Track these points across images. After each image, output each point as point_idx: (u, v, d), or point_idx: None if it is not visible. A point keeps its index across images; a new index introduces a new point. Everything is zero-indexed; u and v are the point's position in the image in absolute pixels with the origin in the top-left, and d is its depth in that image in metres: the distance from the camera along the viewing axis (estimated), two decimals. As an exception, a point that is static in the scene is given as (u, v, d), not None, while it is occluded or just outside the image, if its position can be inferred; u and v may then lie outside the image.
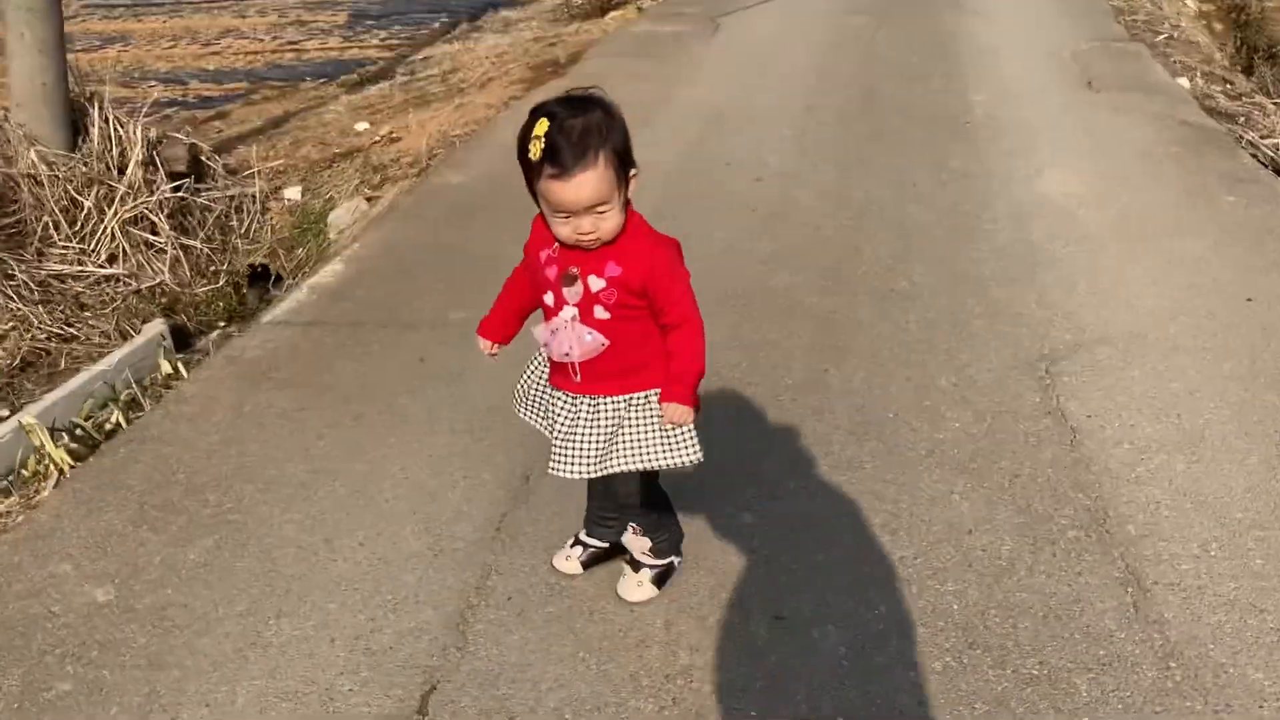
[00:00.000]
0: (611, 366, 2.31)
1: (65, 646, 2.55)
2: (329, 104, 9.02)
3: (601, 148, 2.09)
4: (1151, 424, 3.27)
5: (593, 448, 2.35)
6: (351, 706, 2.35)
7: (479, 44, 11.43)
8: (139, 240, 5.77)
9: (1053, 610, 2.55)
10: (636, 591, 2.61)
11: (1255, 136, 6.39)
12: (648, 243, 2.25)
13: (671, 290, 2.25)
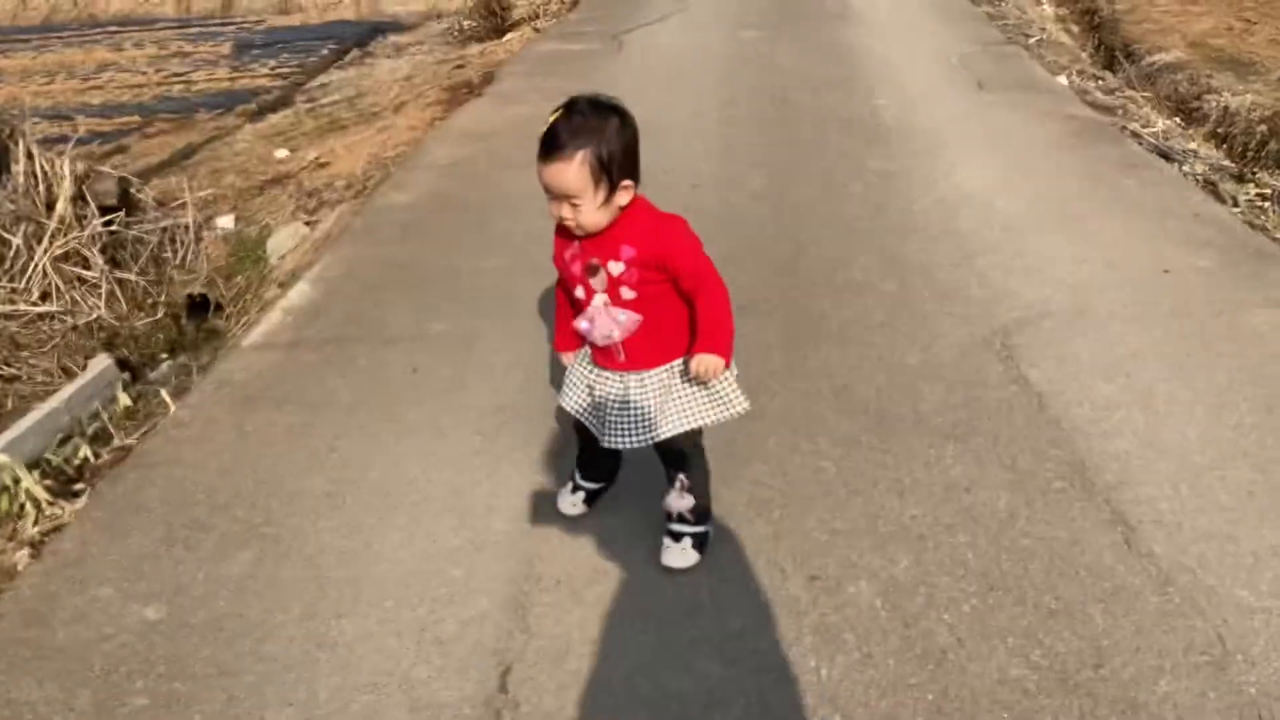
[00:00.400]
0: (651, 340, 2.58)
1: (129, 665, 2.61)
2: (234, 133, 8.97)
3: (585, 147, 2.36)
4: (1105, 385, 3.59)
5: (644, 418, 2.61)
6: (433, 692, 2.47)
7: (376, 69, 11.48)
8: (72, 276, 5.71)
9: (1056, 552, 2.82)
10: (681, 558, 2.81)
11: (1137, 126, 6.91)
12: (653, 221, 2.52)
13: (684, 258, 2.51)
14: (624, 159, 2.43)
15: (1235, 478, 3.08)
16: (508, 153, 6.40)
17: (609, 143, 2.40)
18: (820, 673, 2.47)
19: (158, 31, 15.68)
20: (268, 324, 4.39)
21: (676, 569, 2.80)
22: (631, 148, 2.46)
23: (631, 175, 2.47)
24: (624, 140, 2.44)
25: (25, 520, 3.42)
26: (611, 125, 2.42)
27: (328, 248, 5.23)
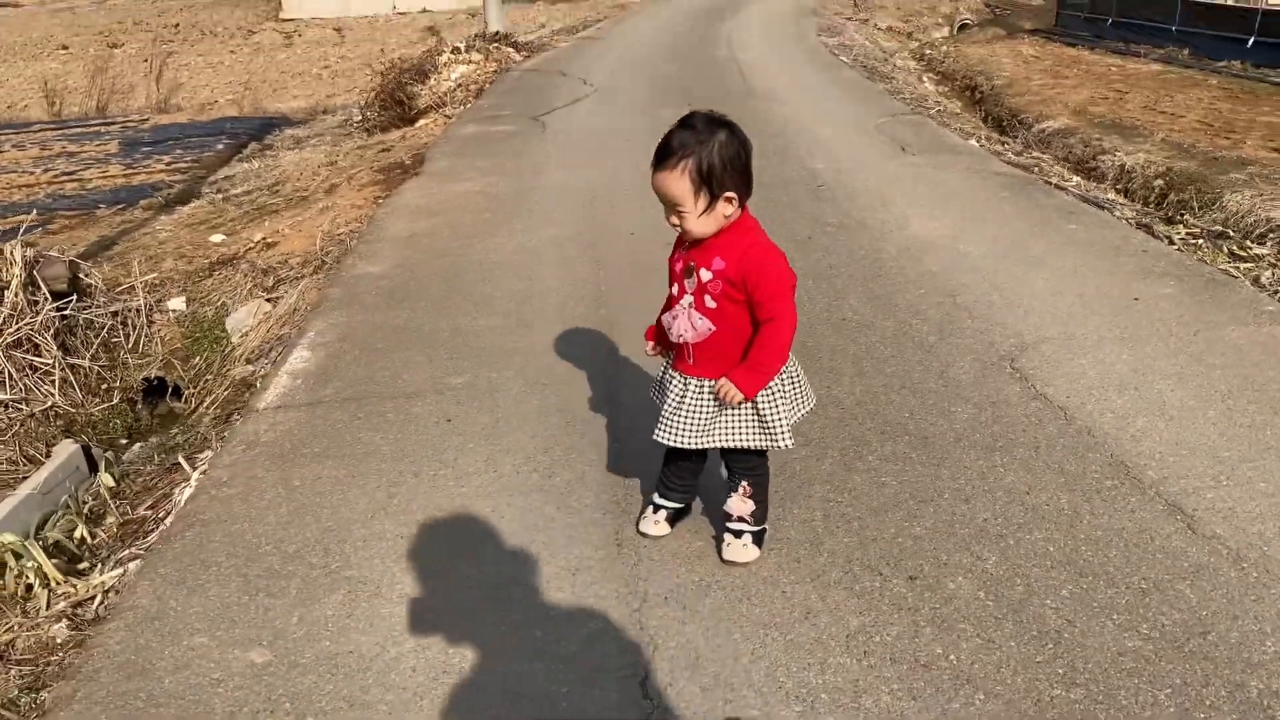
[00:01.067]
0: (718, 351, 2.75)
1: (251, 704, 2.55)
2: (148, 224, 8.81)
3: (687, 160, 2.56)
4: (1119, 397, 3.84)
5: (696, 423, 2.78)
6: (576, 704, 2.49)
7: (281, 159, 11.43)
8: (24, 364, 5.56)
9: (1128, 540, 3.00)
10: (743, 553, 2.95)
11: (1057, 180, 7.40)
12: (747, 242, 2.69)
13: (765, 286, 2.67)
14: (726, 172, 2.59)
15: (1267, 467, 3.33)
16: (466, 225, 6.48)
17: (712, 155, 2.57)
18: (949, 659, 2.57)
19: (35, 134, 15.31)
20: (277, 387, 4.34)
21: (739, 563, 2.95)
22: (736, 162, 2.62)
23: (736, 189, 2.63)
24: (728, 154, 2.60)
25: (36, 600, 3.31)
26: (717, 139, 2.59)
27: (314, 316, 5.19)
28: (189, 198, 10.08)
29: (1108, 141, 9.15)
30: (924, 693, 2.46)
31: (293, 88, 24.44)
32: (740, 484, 2.93)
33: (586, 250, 5.87)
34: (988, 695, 2.44)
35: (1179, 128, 9.66)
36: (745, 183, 2.65)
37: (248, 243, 7.33)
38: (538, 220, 6.53)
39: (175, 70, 27.00)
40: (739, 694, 2.49)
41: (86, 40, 31.43)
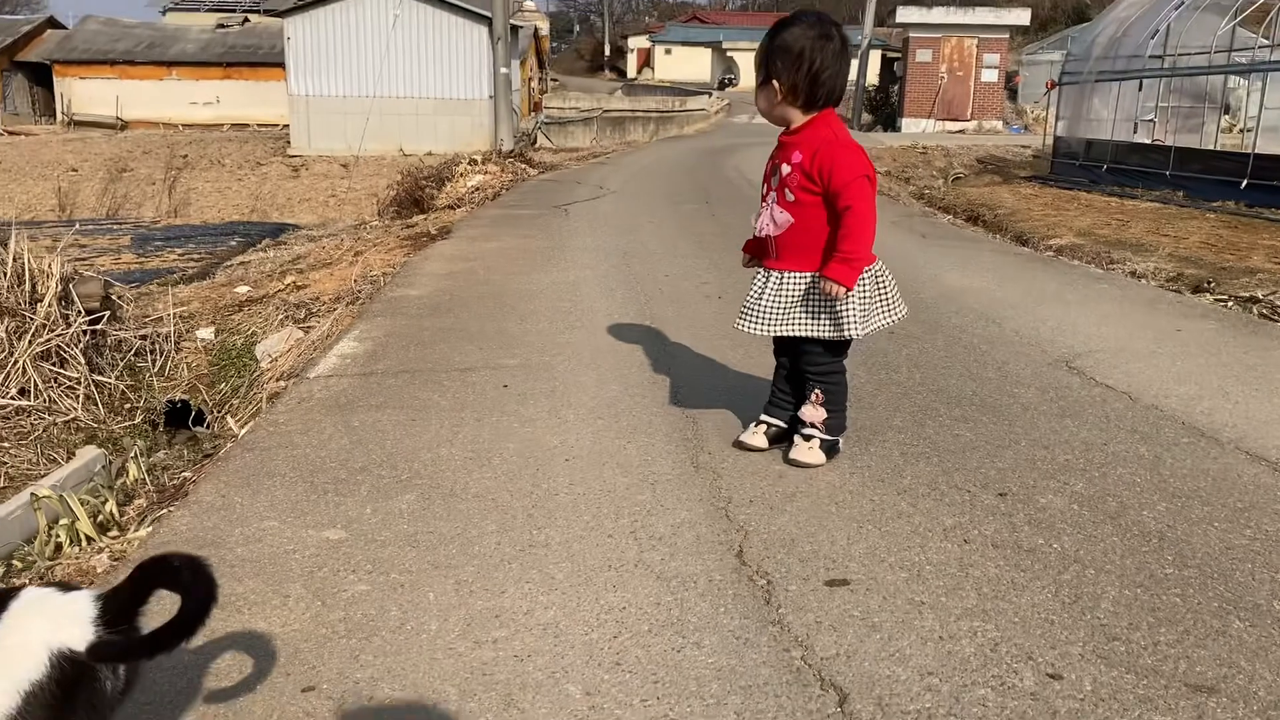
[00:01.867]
0: (798, 243, 2.85)
1: (331, 565, 2.46)
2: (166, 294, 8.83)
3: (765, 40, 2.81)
4: (1180, 387, 3.85)
5: (771, 312, 2.87)
6: (674, 568, 2.41)
7: (298, 248, 11.55)
8: (50, 375, 5.53)
9: (1214, 476, 2.99)
10: (808, 454, 2.96)
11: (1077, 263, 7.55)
12: (822, 138, 2.81)
13: (839, 174, 2.75)
14: (779, 60, 2.77)
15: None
16: (504, 267, 6.55)
17: (783, 41, 2.76)
18: (1052, 546, 2.51)
19: (47, 230, 15.55)
20: (325, 366, 4.30)
21: (802, 463, 2.95)
22: (790, 56, 2.77)
23: (785, 81, 2.78)
24: (795, 48, 2.76)
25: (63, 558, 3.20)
26: (794, 31, 2.76)
27: (357, 323, 5.18)
28: (204, 276, 10.16)
29: (1116, 254, 9.35)
30: (1032, 568, 2.39)
31: (300, 210, 24.93)
32: (812, 390, 2.93)
33: (625, 284, 5.93)
34: (1098, 571, 2.38)
35: (1184, 246, 9.90)
36: (800, 83, 2.78)
37: (277, 286, 7.36)
38: (574, 266, 6.61)
39: (184, 192, 27.56)
40: (840, 565, 2.41)
41: (96, 165, 32.08)
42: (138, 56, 39.86)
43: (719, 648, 2.05)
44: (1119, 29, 15.47)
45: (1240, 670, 1.95)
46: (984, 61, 28.94)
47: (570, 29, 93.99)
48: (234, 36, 41.98)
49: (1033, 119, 29.36)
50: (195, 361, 6.36)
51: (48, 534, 3.25)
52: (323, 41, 30.55)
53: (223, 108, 40.40)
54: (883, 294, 2.87)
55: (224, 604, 2.19)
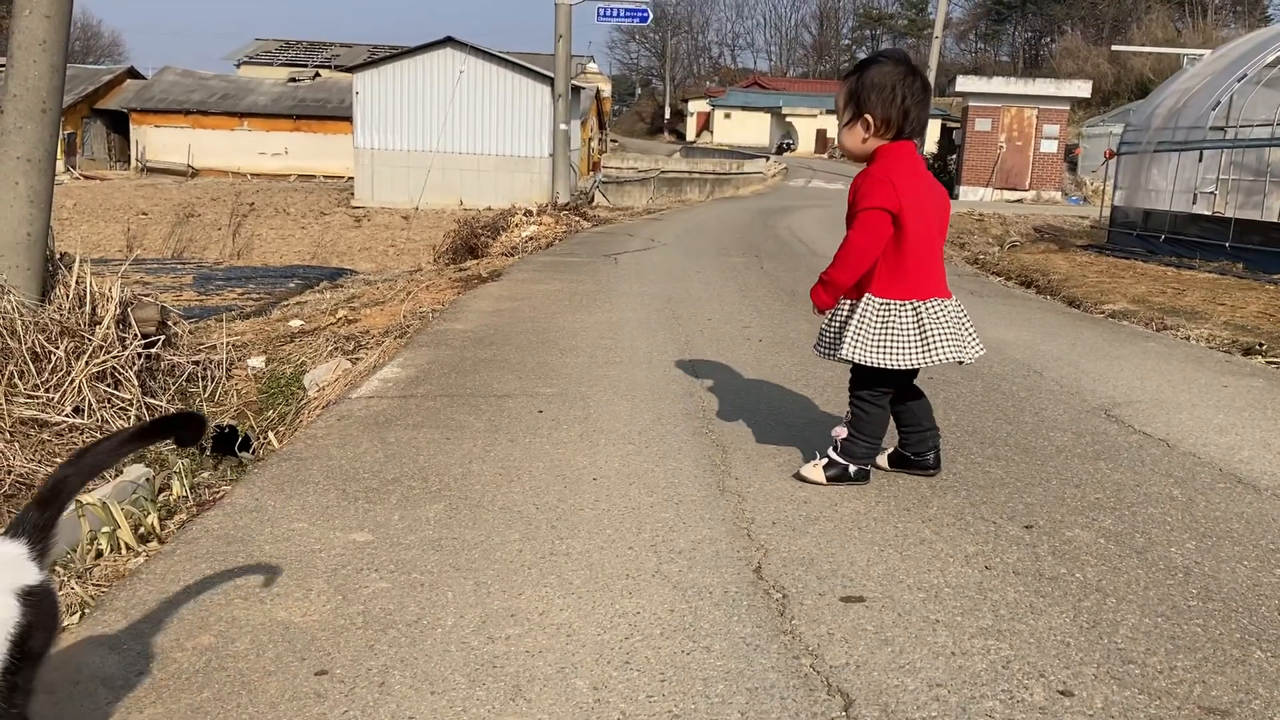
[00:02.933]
0: None
1: (354, 564, 2.50)
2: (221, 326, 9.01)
3: (853, 77, 2.87)
4: (1220, 437, 3.80)
5: (825, 337, 3.03)
6: (691, 580, 2.42)
7: (354, 289, 11.75)
8: (104, 395, 5.67)
9: (1250, 519, 2.94)
10: (811, 471, 3.05)
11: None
12: (870, 170, 2.88)
13: (856, 205, 2.87)
14: (871, 95, 2.81)
15: (1381, 484, 3.26)
16: (549, 307, 6.63)
17: (867, 78, 2.80)
18: (1075, 576, 2.49)
19: (113, 266, 15.92)
20: (367, 389, 4.38)
21: (802, 477, 3.06)
22: (886, 92, 2.81)
23: (876, 115, 2.81)
24: (878, 82, 2.81)
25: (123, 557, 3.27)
26: (875, 70, 2.82)
27: (401, 351, 5.27)
28: (261, 314, 10.35)
29: (1170, 320, 9.25)
30: (1052, 594, 2.38)
31: (359, 258, 25.39)
32: (848, 411, 3.03)
33: (667, 326, 5.99)
34: (1120, 600, 2.35)
35: (1240, 316, 9.77)
36: (893, 117, 2.81)
37: (328, 321, 7.50)
38: (618, 308, 6.68)
39: (248, 237, 28.21)
40: (858, 583, 2.41)
41: (165, 209, 32.95)
42: (211, 107, 41.06)
43: (728, 652, 2.06)
44: (1179, 100, 15.42)
45: (1257, 696, 1.92)
46: (1043, 132, 28.90)
47: (632, 91, 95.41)
48: (304, 90, 43.13)
49: (1092, 190, 29.23)
50: (245, 389, 6.48)
51: (89, 541, 3.33)
52: (389, 97, 31.29)
53: (291, 158, 41.43)
54: (922, 333, 2.87)
55: (247, 595, 2.26)
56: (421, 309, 7.10)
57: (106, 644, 2.06)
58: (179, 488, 4.20)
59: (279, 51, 54.71)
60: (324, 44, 56.70)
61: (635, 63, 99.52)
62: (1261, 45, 14.03)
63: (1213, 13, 62.23)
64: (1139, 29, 56.89)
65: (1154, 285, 11.84)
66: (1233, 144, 13.80)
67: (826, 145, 62.79)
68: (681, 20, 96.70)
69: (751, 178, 34.38)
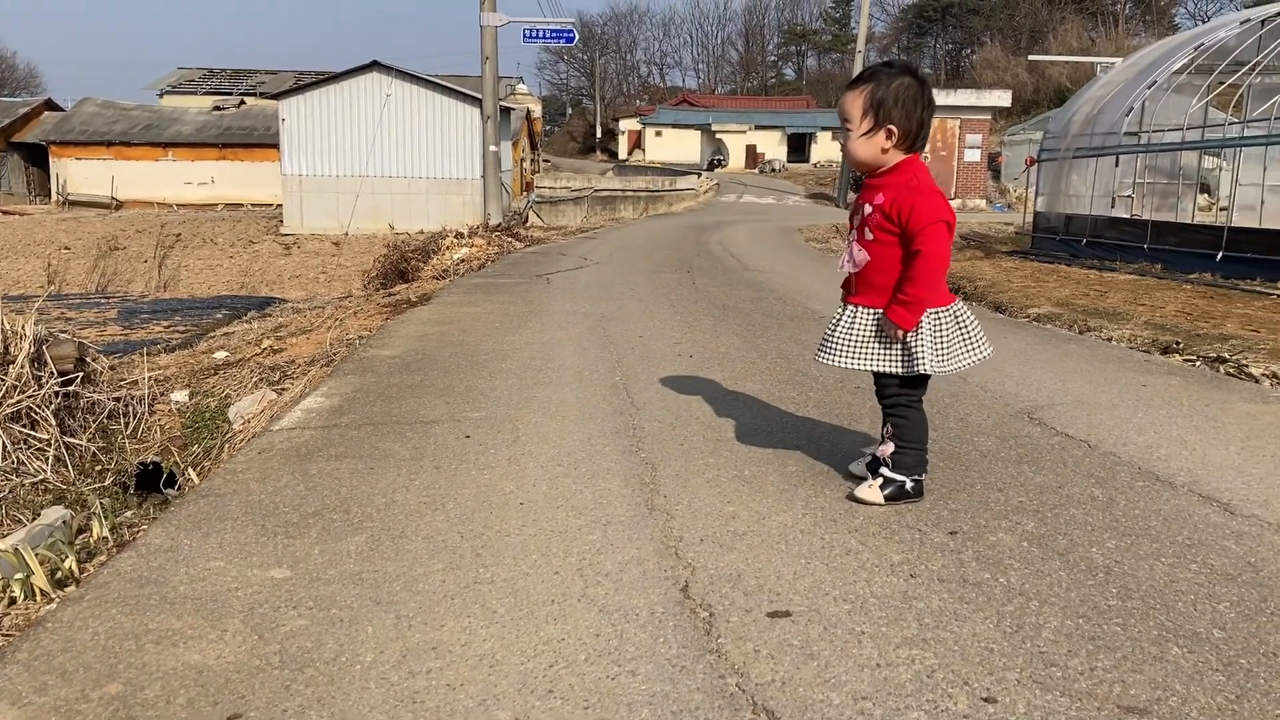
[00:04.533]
0: (871, 281, 2.92)
1: (273, 602, 2.44)
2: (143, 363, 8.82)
3: (869, 85, 2.84)
4: (1140, 436, 3.87)
5: (844, 345, 2.93)
6: (619, 602, 2.40)
7: (282, 317, 11.59)
8: (20, 437, 5.52)
9: (1167, 517, 2.98)
10: (867, 492, 2.99)
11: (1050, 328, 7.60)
12: (905, 180, 2.87)
13: (915, 219, 2.82)
14: (896, 107, 2.82)
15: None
16: (479, 329, 6.59)
17: (889, 89, 2.82)
18: (1000, 580, 2.50)
19: (33, 304, 15.57)
20: (290, 420, 4.31)
21: (860, 499, 3.00)
22: (909, 104, 2.84)
23: (899, 126, 2.83)
24: (903, 94, 2.83)
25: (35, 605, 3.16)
26: (899, 80, 2.84)
27: (326, 380, 5.19)
28: (186, 346, 10.16)
29: (1093, 322, 9.43)
30: (976, 600, 2.39)
31: (289, 286, 25.05)
32: (886, 425, 3.03)
33: (598, 344, 5.97)
34: (1042, 603, 2.37)
35: (1160, 315, 9.99)
36: (913, 128, 2.85)
37: (254, 351, 7.38)
38: (550, 328, 6.65)
39: (175, 268, 27.70)
40: (784, 598, 2.41)
41: (89, 243, 32.27)
42: (134, 138, 40.38)
43: (654, 675, 2.04)
44: (1094, 107, 15.78)
45: (1174, 693, 1.94)
46: (966, 141, 29.43)
47: (563, 111, 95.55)
48: (230, 118, 42.59)
49: (1015, 197, 29.79)
50: (169, 424, 6.35)
51: (1, 589, 3.22)
52: (316, 123, 31.01)
53: (218, 188, 40.86)
54: (964, 332, 2.93)
55: (159, 639, 2.19)
56: (349, 336, 7.01)
57: (7, 699, 1.99)
58: (99, 529, 4.09)
59: (203, 80, 54.01)
60: (249, 72, 56.08)
61: (565, 83, 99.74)
62: (1169, 53, 14.42)
63: (1124, 22, 63.94)
64: (1055, 39, 58.26)
65: (1077, 288, 12.08)
66: (1146, 148, 14.15)
67: (756, 160, 63.36)
68: (609, 40, 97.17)
69: (684, 194, 34.55)
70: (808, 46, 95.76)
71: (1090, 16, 68.97)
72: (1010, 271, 14.38)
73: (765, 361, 5.45)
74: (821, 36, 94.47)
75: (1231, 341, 7.54)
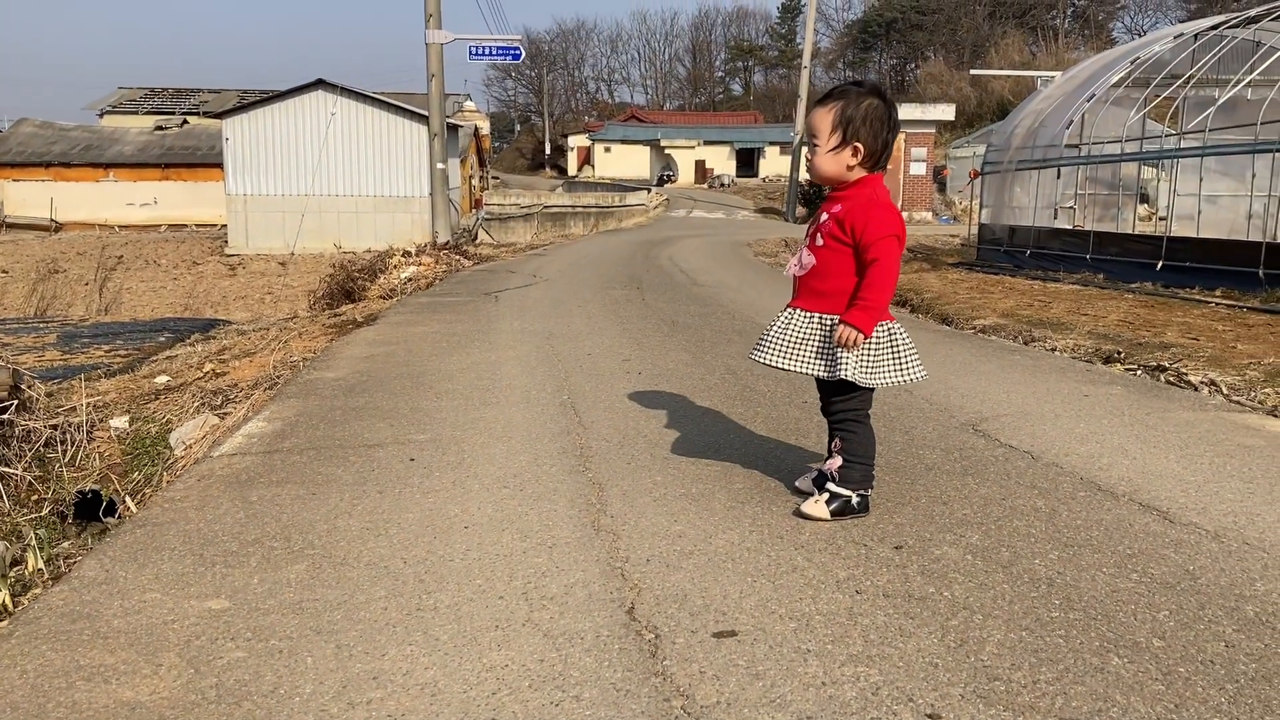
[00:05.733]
0: (812, 285, 2.98)
1: (210, 634, 2.39)
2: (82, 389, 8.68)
3: (839, 102, 2.92)
4: (1082, 446, 3.91)
5: (777, 345, 2.97)
6: (564, 626, 2.37)
7: (226, 340, 11.45)
8: None
9: (1109, 527, 3.02)
10: (814, 508, 3.00)
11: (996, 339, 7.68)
12: (866, 195, 2.94)
13: (872, 230, 2.89)
14: (863, 126, 2.89)
15: (1230, 486, 3.40)
16: (425, 350, 6.54)
17: (858, 108, 2.89)
18: (944, 594, 2.51)
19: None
20: (231, 446, 4.24)
21: (805, 514, 3.01)
22: (875, 125, 2.90)
23: (865, 145, 2.89)
24: (871, 114, 2.90)
25: None
26: (868, 100, 2.91)
27: (268, 404, 5.12)
28: (128, 371, 10.00)
29: (1038, 332, 9.55)
30: (921, 615, 2.39)
31: (235, 307, 24.74)
32: (834, 439, 3.04)
33: (546, 362, 5.94)
34: (986, 616, 2.38)
35: (1103, 325, 10.14)
36: (878, 149, 2.92)
37: (195, 375, 7.26)
38: (498, 347, 6.62)
39: (117, 291, 27.26)
40: (730, 617, 2.39)
41: (28, 266, 31.68)
42: (74, 159, 39.75)
43: (599, 700, 2.01)
44: (1036, 120, 16.03)
45: (1115, 704, 1.95)
46: (912, 155, 29.78)
47: (511, 128, 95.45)
48: (172, 138, 42.06)
49: (960, 209, 30.19)
50: (108, 451, 6.23)
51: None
52: (261, 142, 30.71)
53: (161, 208, 40.29)
54: (895, 351, 2.95)
55: (91, 675, 2.14)
56: (293, 358, 6.93)
57: (-71, 742, 1.92)
58: (34, 560, 4.00)
59: (144, 99, 53.32)
60: (191, 90, 55.47)
61: (513, 99, 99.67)
62: (1107, 66, 14.69)
63: (1063, 36, 65.13)
64: (996, 53, 59.20)
65: (1022, 299, 12.24)
66: (1086, 160, 14.39)
67: (706, 175, 63.67)
68: (556, 57, 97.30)
69: (634, 210, 34.63)
70: (754, 62, 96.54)
71: (1030, 31, 70.20)
72: (956, 283, 14.54)
73: (714, 377, 5.45)
74: (768, 52, 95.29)
75: (1171, 350, 7.66)
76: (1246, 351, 6.52)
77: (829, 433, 3.09)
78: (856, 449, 3.01)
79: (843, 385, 2.98)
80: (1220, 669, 2.10)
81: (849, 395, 3.00)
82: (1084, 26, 71.61)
